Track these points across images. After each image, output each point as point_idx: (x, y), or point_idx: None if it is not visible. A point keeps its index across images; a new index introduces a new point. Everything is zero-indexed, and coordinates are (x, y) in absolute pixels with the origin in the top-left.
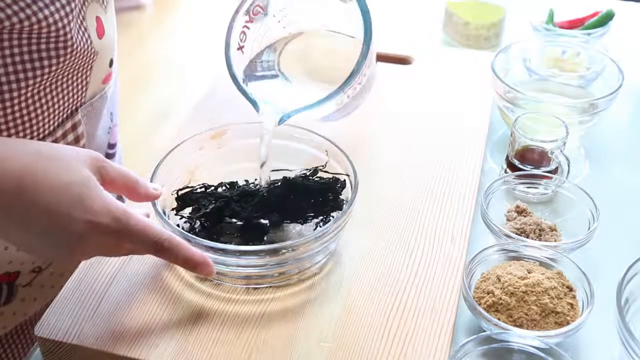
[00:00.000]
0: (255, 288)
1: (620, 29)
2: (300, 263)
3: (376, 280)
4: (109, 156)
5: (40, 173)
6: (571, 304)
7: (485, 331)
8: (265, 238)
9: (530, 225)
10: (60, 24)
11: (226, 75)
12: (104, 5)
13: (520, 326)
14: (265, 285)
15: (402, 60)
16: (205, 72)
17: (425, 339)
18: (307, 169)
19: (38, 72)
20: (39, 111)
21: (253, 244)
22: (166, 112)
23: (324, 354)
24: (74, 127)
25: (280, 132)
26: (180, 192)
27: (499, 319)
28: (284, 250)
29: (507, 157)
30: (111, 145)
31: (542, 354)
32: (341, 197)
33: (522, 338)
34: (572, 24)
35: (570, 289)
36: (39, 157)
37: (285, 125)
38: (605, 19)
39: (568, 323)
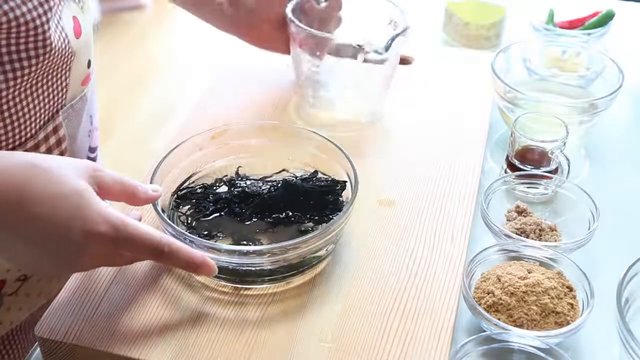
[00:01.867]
0: (256, 288)
1: (620, 29)
2: (301, 263)
3: (376, 280)
4: (91, 160)
5: (37, 185)
6: (571, 304)
7: (485, 331)
8: (266, 238)
9: (530, 225)
10: (38, 22)
11: (226, 75)
12: (80, 5)
13: (520, 326)
14: (265, 285)
15: (402, 61)
16: (205, 72)
17: (425, 339)
18: (310, 168)
19: (18, 73)
20: (20, 114)
21: (253, 244)
22: (166, 112)
23: (324, 354)
24: (55, 129)
25: (281, 131)
26: (179, 193)
27: (499, 319)
28: (284, 250)
29: (507, 157)
30: (92, 149)
31: (542, 354)
32: (341, 198)
33: (522, 338)
34: (572, 24)
35: (570, 289)
36: (35, 170)
37: (286, 125)
38: (605, 19)
39: (568, 323)
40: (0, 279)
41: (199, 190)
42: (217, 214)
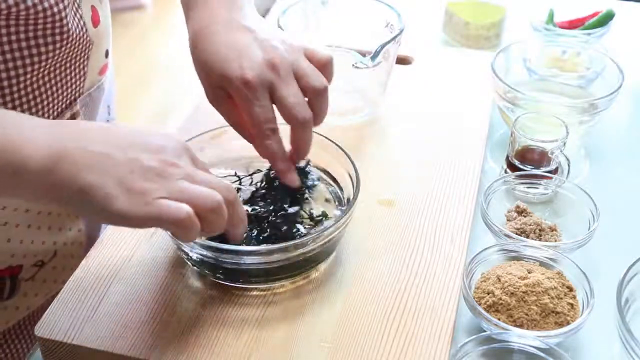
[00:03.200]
0: (256, 288)
1: (620, 29)
2: (302, 263)
3: (376, 280)
4: None
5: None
6: (571, 304)
7: (485, 331)
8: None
9: (530, 225)
10: (55, 9)
11: None
12: None
13: (521, 326)
14: (265, 285)
15: (402, 60)
16: None
17: (425, 339)
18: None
19: (35, 59)
20: (38, 100)
21: (252, 244)
22: (166, 112)
23: (324, 354)
24: (73, 117)
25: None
26: None
27: (499, 319)
28: (286, 250)
29: (507, 157)
30: None
31: (542, 354)
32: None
33: (522, 338)
34: (572, 24)
35: (570, 289)
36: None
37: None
38: (605, 19)
39: (568, 323)
40: (17, 264)
41: None
42: None
